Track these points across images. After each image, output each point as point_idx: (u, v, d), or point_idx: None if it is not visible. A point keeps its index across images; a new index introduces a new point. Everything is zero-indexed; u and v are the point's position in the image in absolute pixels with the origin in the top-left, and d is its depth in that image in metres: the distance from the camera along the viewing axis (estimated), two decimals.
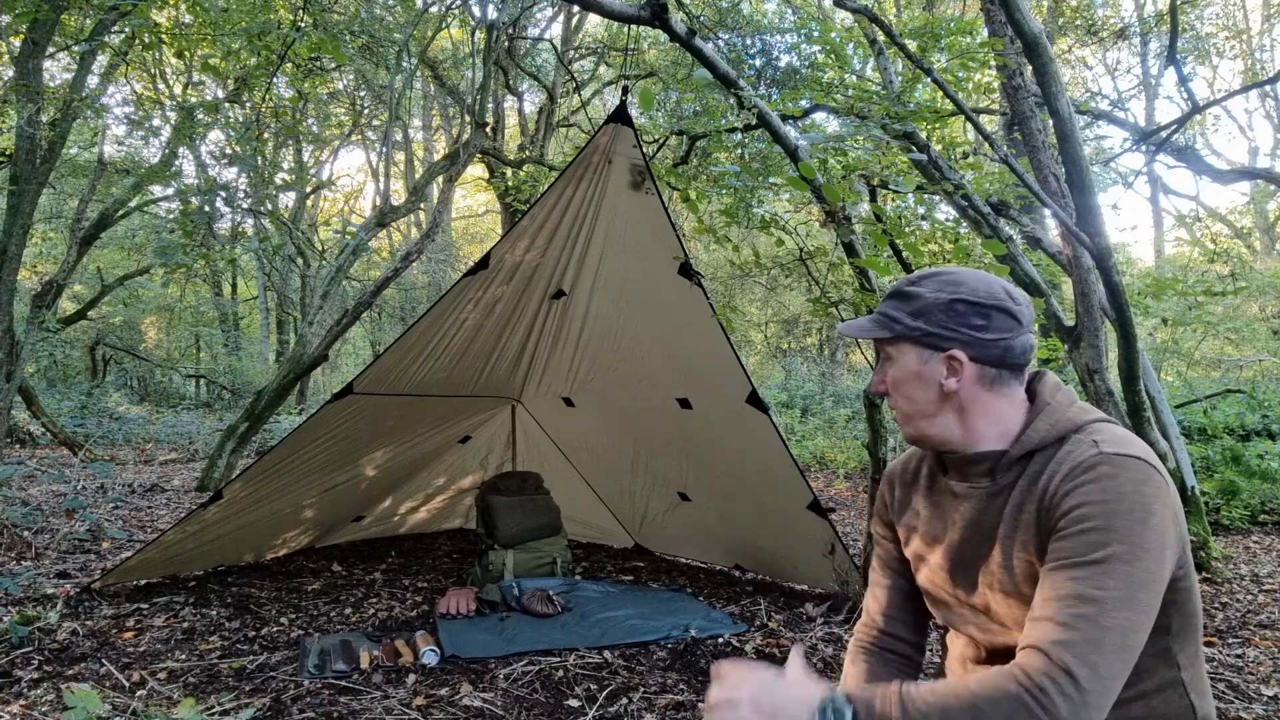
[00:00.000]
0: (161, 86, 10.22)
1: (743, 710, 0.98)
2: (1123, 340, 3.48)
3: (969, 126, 6.78)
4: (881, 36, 5.91)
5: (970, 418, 1.14)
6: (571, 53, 12.42)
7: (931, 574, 1.24)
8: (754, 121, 3.74)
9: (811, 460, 9.96)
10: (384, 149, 10.41)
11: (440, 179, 8.44)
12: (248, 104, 8.11)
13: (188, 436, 11.52)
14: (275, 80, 7.36)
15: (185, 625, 3.55)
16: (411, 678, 2.98)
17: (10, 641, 3.16)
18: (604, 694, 2.85)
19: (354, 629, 3.62)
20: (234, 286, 20.15)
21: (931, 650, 3.29)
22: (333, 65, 8.83)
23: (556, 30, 12.57)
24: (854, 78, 7.54)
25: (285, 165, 13.17)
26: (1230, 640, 3.43)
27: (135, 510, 6.52)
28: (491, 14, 8.04)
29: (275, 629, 3.58)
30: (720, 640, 3.44)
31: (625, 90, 3.70)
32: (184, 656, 3.17)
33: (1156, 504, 0.98)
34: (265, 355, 18.13)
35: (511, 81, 10.59)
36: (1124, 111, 13.55)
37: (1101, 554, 0.95)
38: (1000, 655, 1.12)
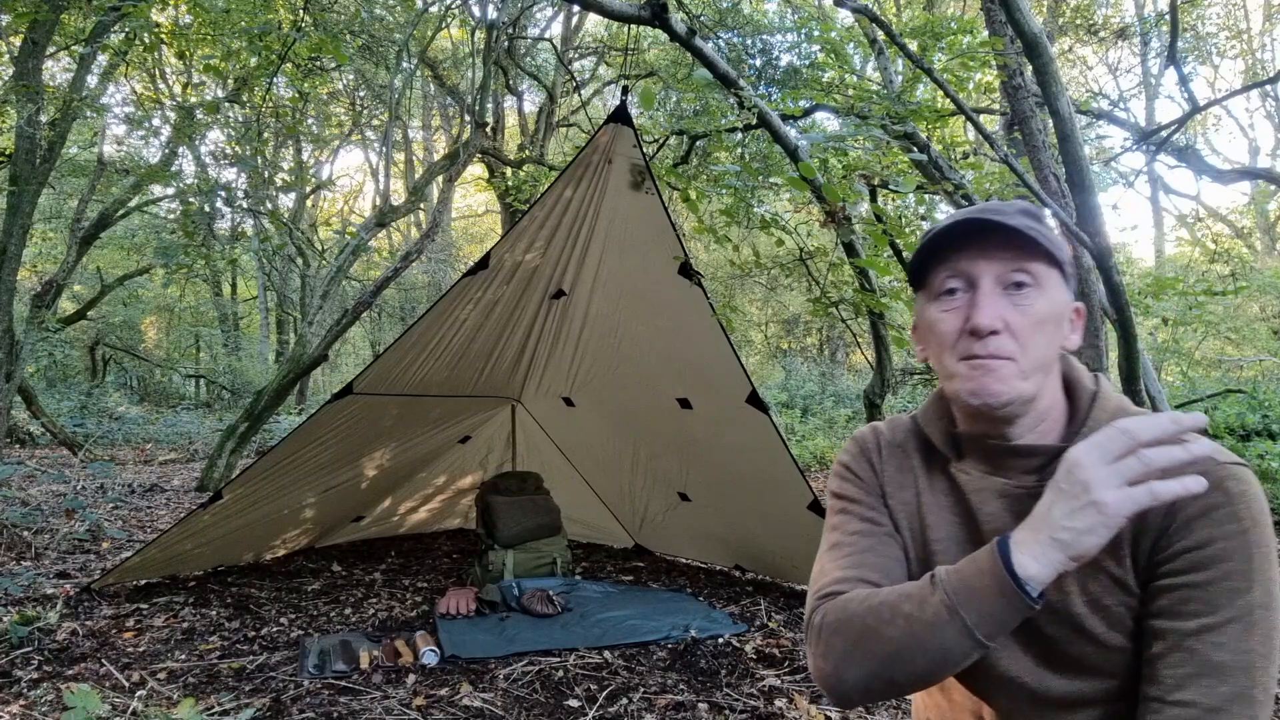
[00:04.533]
0: (161, 86, 10.22)
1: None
2: (1123, 340, 3.47)
3: (969, 126, 6.78)
4: (882, 36, 5.90)
5: (1052, 390, 0.92)
6: (571, 53, 12.41)
7: None
8: (754, 121, 3.75)
9: (811, 460, 9.96)
10: (384, 149, 10.40)
11: (440, 179, 8.45)
12: (248, 104, 8.11)
13: (187, 436, 11.53)
14: (275, 80, 7.36)
15: (185, 625, 3.55)
16: (411, 678, 2.98)
17: (10, 641, 3.16)
18: (604, 694, 2.85)
19: (354, 629, 3.62)
20: (234, 286, 20.15)
21: None
22: (333, 65, 8.83)
23: (556, 30, 12.59)
24: (854, 77, 7.53)
25: (285, 165, 13.18)
26: None
27: (135, 510, 6.51)
28: (491, 14, 8.04)
29: (275, 629, 3.58)
30: (720, 640, 3.43)
31: (625, 90, 3.70)
32: (184, 656, 3.17)
33: (1270, 520, 0.81)
34: (265, 355, 18.13)
35: (511, 81, 10.60)
36: (1124, 111, 13.56)
37: (1241, 603, 0.78)
38: (1050, 707, 0.90)
